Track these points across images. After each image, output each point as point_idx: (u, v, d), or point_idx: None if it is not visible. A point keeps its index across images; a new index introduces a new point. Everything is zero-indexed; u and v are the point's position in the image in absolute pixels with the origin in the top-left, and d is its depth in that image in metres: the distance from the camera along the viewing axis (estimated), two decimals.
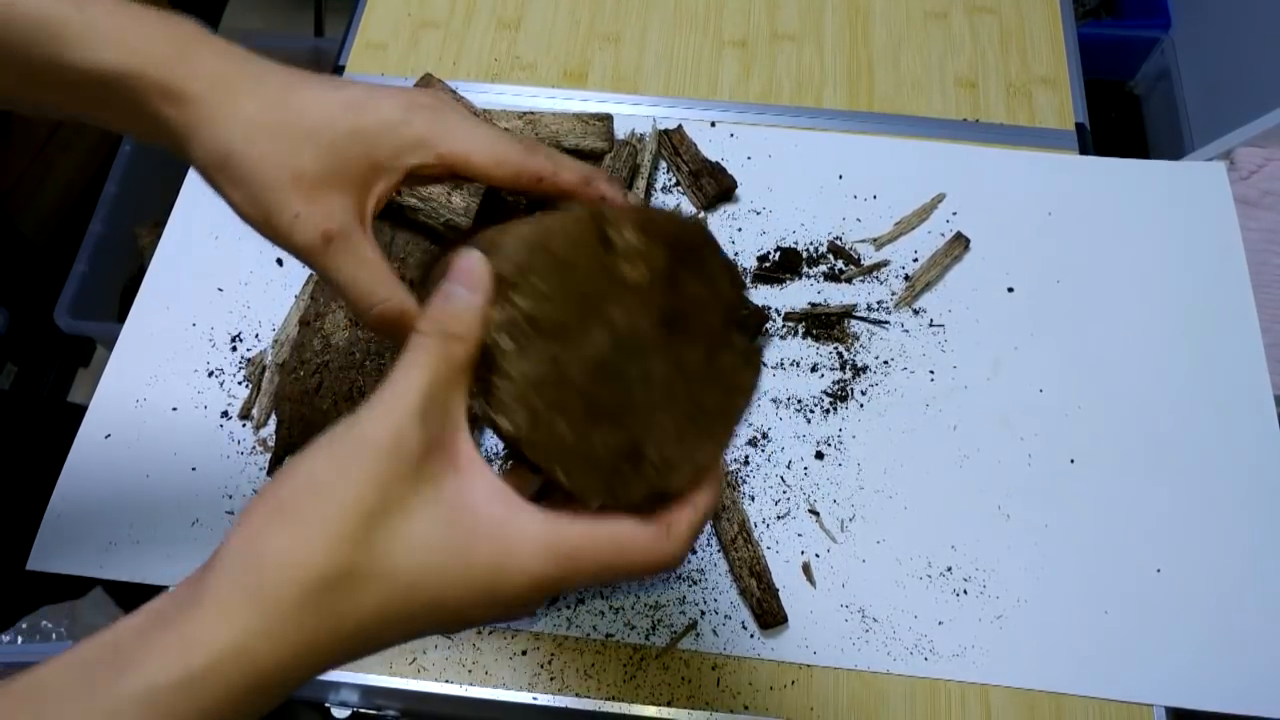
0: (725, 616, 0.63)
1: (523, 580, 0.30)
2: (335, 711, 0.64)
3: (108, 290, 1.06)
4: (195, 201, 0.80)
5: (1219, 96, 1.44)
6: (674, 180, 0.81)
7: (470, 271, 0.32)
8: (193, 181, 0.81)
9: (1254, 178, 0.91)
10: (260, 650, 0.27)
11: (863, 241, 0.78)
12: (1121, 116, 1.65)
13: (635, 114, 0.85)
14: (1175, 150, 1.49)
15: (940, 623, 0.63)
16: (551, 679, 0.61)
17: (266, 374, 0.71)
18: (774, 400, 0.71)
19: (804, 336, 0.74)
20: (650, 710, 0.61)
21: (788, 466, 0.68)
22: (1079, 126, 0.85)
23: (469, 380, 0.32)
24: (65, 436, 0.69)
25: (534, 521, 0.31)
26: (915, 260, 0.77)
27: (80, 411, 0.71)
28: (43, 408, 1.14)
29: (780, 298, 0.75)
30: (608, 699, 0.61)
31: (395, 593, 0.29)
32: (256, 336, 0.74)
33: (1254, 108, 1.00)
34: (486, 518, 0.30)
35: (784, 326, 0.74)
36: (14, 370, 1.34)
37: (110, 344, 0.74)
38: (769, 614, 0.62)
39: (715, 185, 0.78)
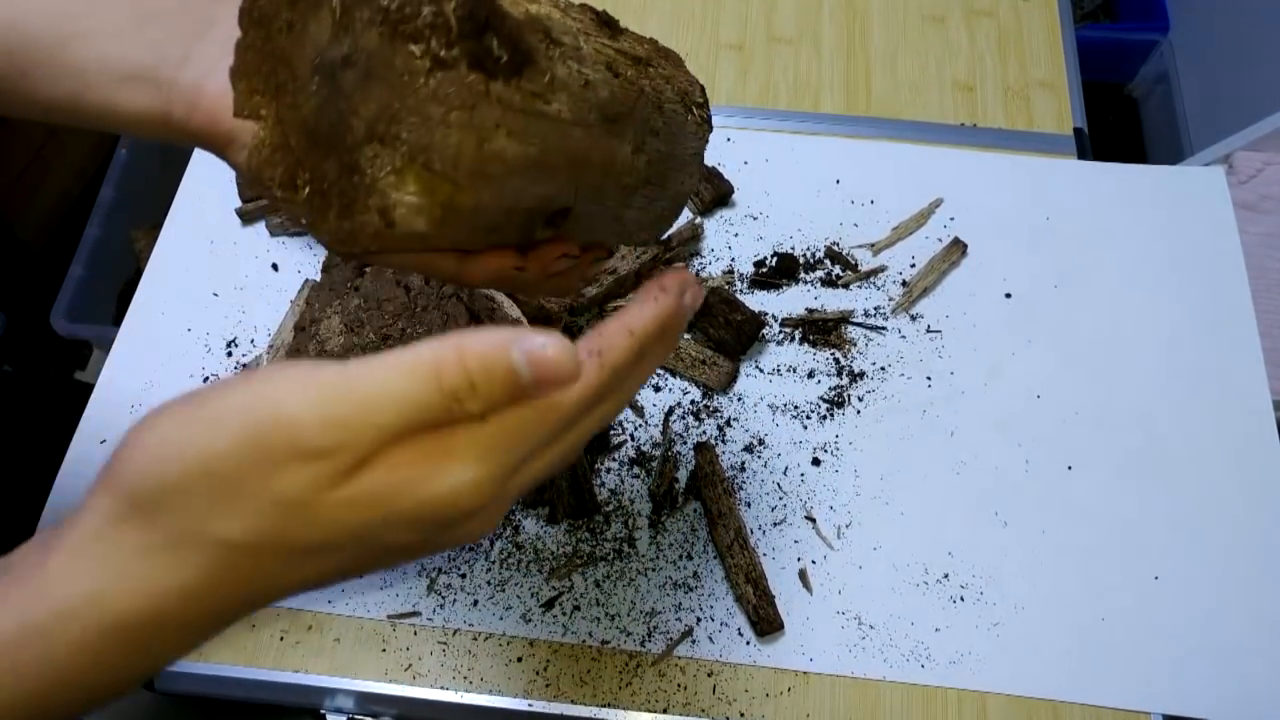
0: (721, 623, 0.63)
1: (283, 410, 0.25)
2: (330, 718, 0.63)
3: (104, 294, 1.06)
4: (191, 206, 0.80)
5: (1218, 100, 1.44)
6: None
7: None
8: (189, 186, 0.81)
9: (1252, 182, 0.91)
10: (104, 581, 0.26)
11: (860, 247, 0.78)
12: (1120, 119, 1.65)
13: None
14: (1174, 154, 1.49)
15: (937, 629, 0.63)
16: (547, 685, 0.61)
17: None
18: (771, 406, 0.71)
19: (801, 342, 0.74)
20: (646, 717, 0.60)
21: (784, 473, 0.68)
22: (1077, 131, 0.85)
23: None
24: (68, 420, 0.69)
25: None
26: (913, 265, 0.77)
27: (86, 389, 0.70)
28: (45, 391, 1.13)
29: (777, 303, 0.75)
30: (603, 705, 0.61)
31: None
32: (252, 342, 0.74)
33: (1253, 112, 1.00)
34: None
35: (780, 332, 0.74)
36: (10, 373, 1.35)
37: (106, 347, 0.74)
38: (765, 621, 0.61)
39: (712, 190, 0.78)
